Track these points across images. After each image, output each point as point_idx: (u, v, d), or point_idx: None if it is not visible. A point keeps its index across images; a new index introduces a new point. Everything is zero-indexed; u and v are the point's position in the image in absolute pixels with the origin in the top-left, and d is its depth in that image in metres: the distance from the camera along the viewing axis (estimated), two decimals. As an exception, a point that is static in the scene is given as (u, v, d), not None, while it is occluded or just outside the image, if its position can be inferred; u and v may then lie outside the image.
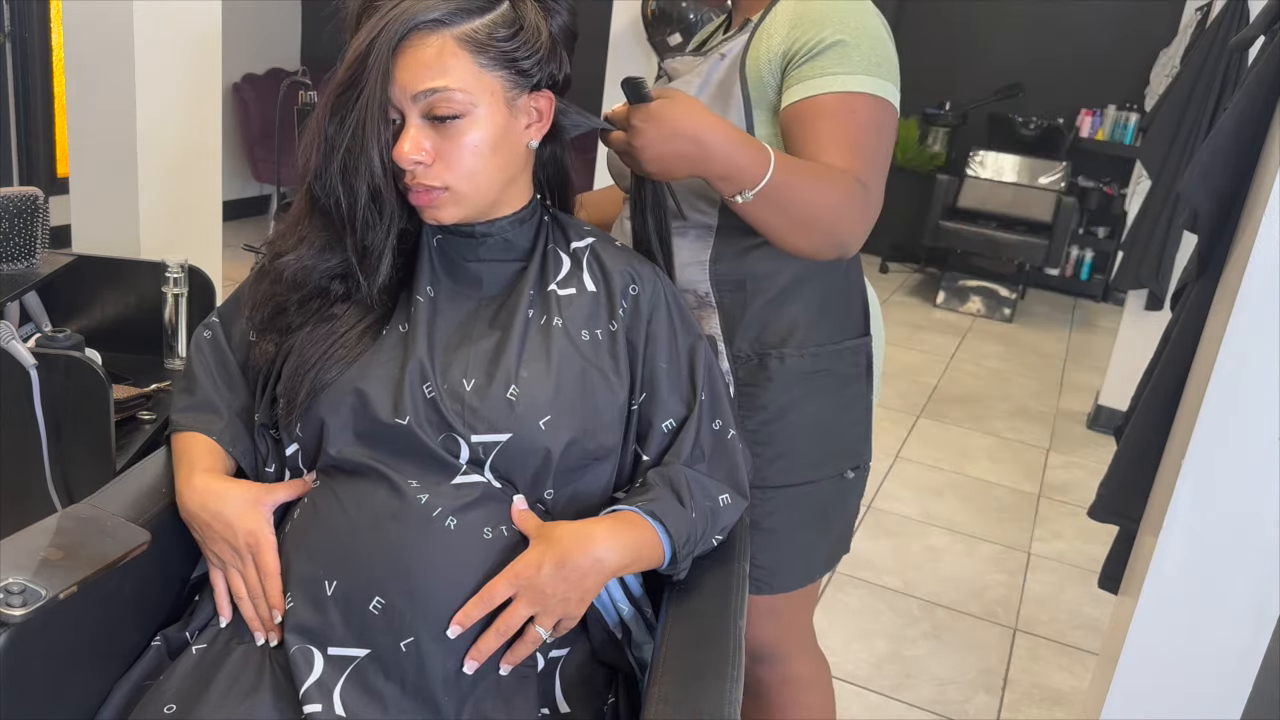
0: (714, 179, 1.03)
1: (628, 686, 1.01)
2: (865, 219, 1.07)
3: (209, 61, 2.41)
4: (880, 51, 1.09)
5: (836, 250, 1.08)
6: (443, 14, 0.94)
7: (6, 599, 0.84)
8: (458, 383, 0.98)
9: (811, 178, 1.05)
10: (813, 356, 1.22)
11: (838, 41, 1.07)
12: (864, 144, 1.07)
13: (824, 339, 1.23)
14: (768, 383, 1.21)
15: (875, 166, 1.08)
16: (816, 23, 1.09)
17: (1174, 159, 3.25)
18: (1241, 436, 1.32)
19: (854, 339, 1.26)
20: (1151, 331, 3.38)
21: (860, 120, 1.07)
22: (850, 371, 1.26)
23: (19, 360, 1.41)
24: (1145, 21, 5.52)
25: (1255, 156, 1.41)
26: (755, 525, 1.24)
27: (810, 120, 1.08)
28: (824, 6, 1.10)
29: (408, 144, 0.95)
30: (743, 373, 1.22)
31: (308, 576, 0.95)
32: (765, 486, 1.23)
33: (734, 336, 1.21)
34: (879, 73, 1.08)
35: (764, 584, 1.27)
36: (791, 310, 1.21)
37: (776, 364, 1.21)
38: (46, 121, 4.41)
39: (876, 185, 1.08)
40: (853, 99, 1.07)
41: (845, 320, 1.26)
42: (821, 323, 1.22)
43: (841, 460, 1.28)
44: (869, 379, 1.29)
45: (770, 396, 1.21)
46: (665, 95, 1.02)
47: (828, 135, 1.07)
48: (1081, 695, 2.24)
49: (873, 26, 1.10)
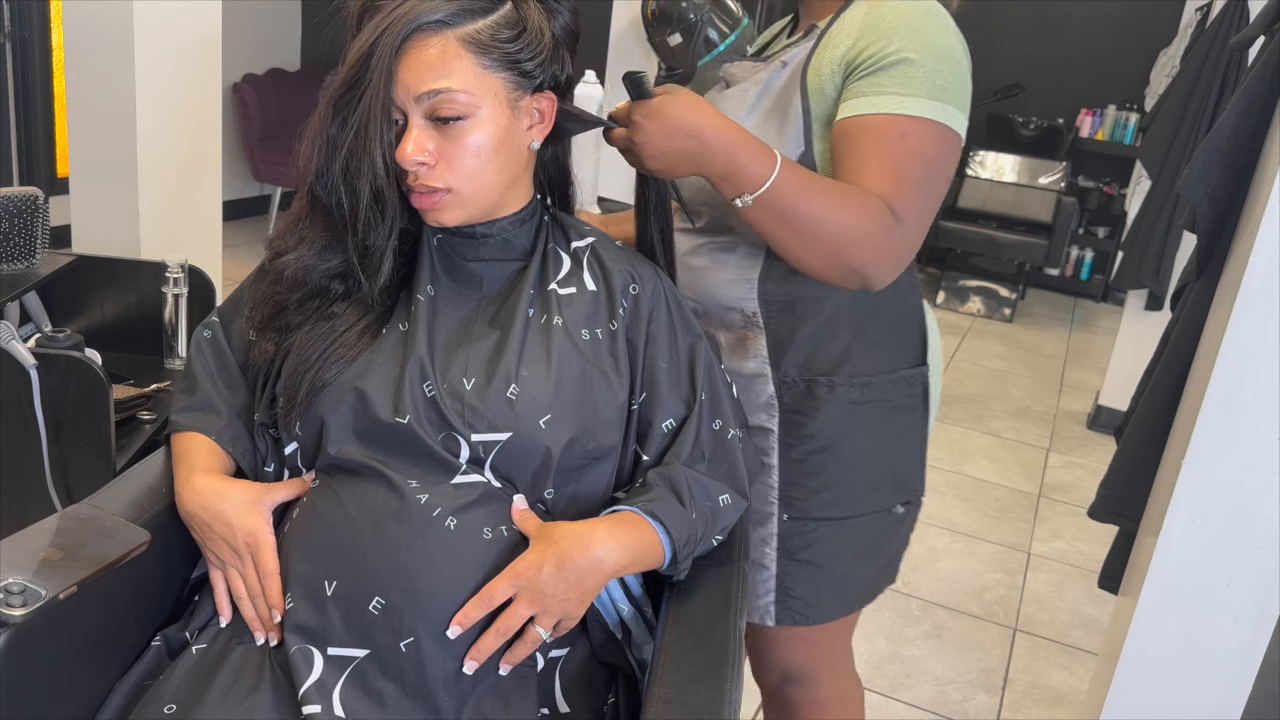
0: (715, 178, 1.01)
1: (628, 687, 1.01)
2: (892, 251, 1.01)
3: (209, 61, 2.41)
4: (948, 73, 1.02)
5: (854, 279, 1.02)
6: (446, 15, 0.94)
7: (6, 599, 0.84)
8: (458, 382, 0.98)
9: (826, 194, 1.00)
10: (864, 386, 1.16)
11: (903, 59, 1.01)
12: (908, 172, 1.00)
13: (878, 368, 1.17)
14: (815, 411, 1.16)
15: (917, 197, 1.01)
16: (885, 34, 1.02)
17: (1174, 159, 3.26)
18: (1242, 436, 1.32)
19: (910, 368, 1.20)
20: (1151, 331, 3.38)
21: (911, 147, 1.00)
22: (905, 402, 1.20)
23: (19, 360, 1.41)
24: (1145, 21, 5.52)
25: (1255, 156, 1.41)
26: (792, 556, 1.20)
27: (856, 139, 1.02)
28: (896, 17, 1.03)
29: (410, 145, 0.95)
30: (789, 399, 1.17)
31: (307, 576, 0.94)
32: (808, 518, 1.19)
33: (781, 361, 1.16)
34: (943, 96, 1.01)
35: (799, 615, 1.23)
36: (844, 336, 1.15)
37: (825, 392, 1.16)
38: (46, 121, 4.41)
39: (915, 218, 1.01)
40: (906, 123, 1.00)
41: (901, 348, 1.20)
42: (876, 350, 1.17)
43: (891, 494, 1.22)
44: (924, 410, 1.23)
45: (818, 425, 1.16)
46: (667, 91, 1.01)
47: (870, 157, 1.01)
48: (1081, 695, 2.24)
49: (944, 44, 1.03)
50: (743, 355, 1.18)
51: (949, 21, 1.05)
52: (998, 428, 3.81)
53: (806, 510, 1.19)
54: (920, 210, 1.01)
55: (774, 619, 1.23)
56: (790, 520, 1.20)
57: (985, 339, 5.00)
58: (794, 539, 1.20)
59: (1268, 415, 1.31)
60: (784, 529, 1.20)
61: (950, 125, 1.02)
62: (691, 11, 2.92)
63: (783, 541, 1.21)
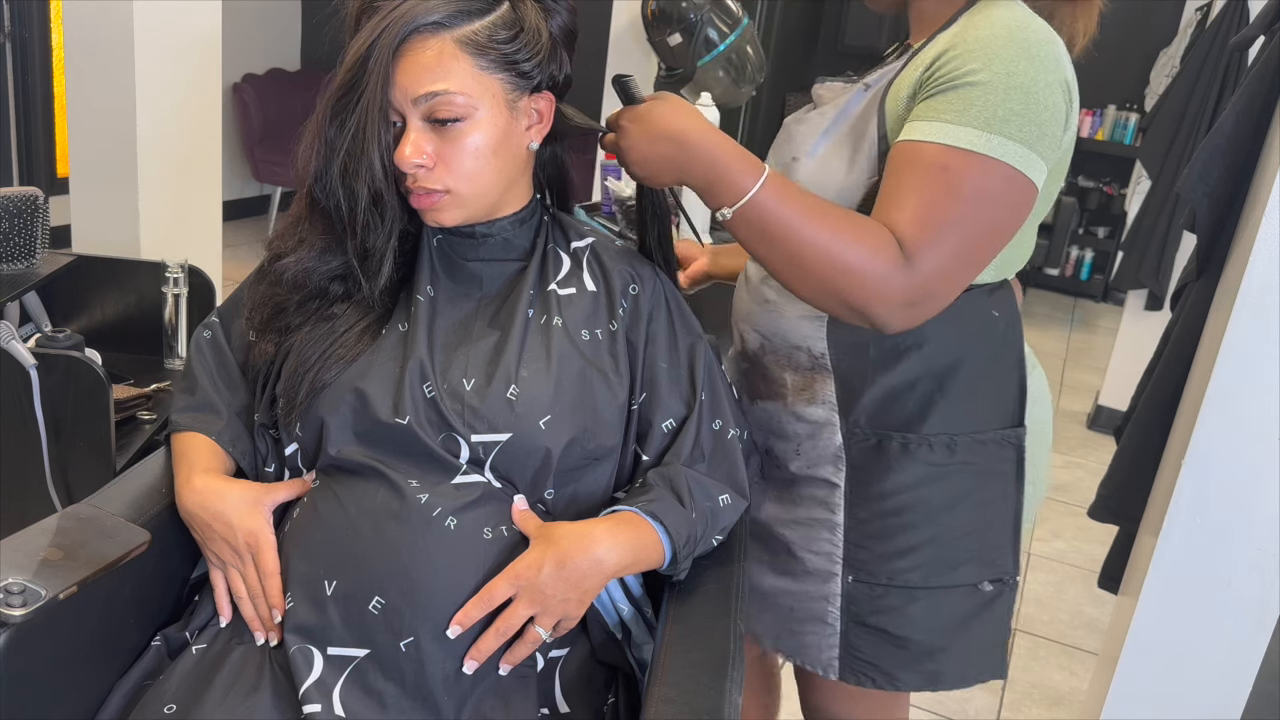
0: (698, 188, 0.97)
1: (628, 687, 1.01)
2: (893, 292, 0.90)
3: (209, 61, 2.41)
4: (1018, 104, 0.90)
5: (855, 317, 0.93)
6: (442, 16, 0.93)
7: (6, 599, 0.84)
8: (458, 382, 0.98)
9: (817, 218, 0.92)
10: (946, 447, 1.05)
11: (969, 84, 0.90)
12: (939, 211, 0.89)
13: (962, 426, 1.05)
14: (886, 470, 1.05)
15: (942, 239, 0.90)
16: (965, 54, 0.92)
17: (1174, 159, 3.25)
18: (1241, 436, 1.32)
19: (1002, 429, 1.07)
20: (1151, 331, 3.38)
21: (950, 181, 0.89)
22: (995, 468, 1.07)
23: (19, 360, 1.41)
24: (1145, 21, 5.51)
25: (1255, 156, 1.41)
26: (859, 620, 1.09)
27: (898, 168, 0.93)
28: (979, 39, 0.92)
29: (409, 147, 0.94)
30: (857, 453, 1.07)
31: (307, 576, 0.94)
32: (874, 583, 1.08)
33: (851, 409, 1.06)
34: (1003, 130, 0.89)
35: (865, 676, 1.11)
36: (925, 386, 1.04)
37: (898, 449, 1.05)
38: (46, 121, 4.41)
39: (934, 262, 0.89)
40: (951, 154, 0.89)
41: (993, 405, 1.07)
42: (962, 406, 1.05)
43: (974, 570, 1.09)
44: (1018, 478, 1.08)
45: (889, 486, 1.06)
46: (656, 96, 1.00)
47: (905, 189, 0.91)
48: (1081, 695, 2.24)
49: (1025, 75, 0.90)
50: (809, 400, 1.09)
51: (1043, 51, 0.92)
52: (998, 428, 3.81)
53: (874, 575, 1.08)
54: (945, 255, 0.90)
55: (837, 674, 1.13)
56: (856, 584, 1.09)
57: (985, 339, 5.00)
58: (861, 603, 1.09)
59: (1267, 415, 1.31)
60: (849, 590, 1.10)
61: (1008, 163, 0.90)
62: (691, 11, 2.91)
63: (847, 603, 1.10)
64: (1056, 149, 0.95)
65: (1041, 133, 0.91)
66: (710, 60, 2.92)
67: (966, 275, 0.95)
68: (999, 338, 1.06)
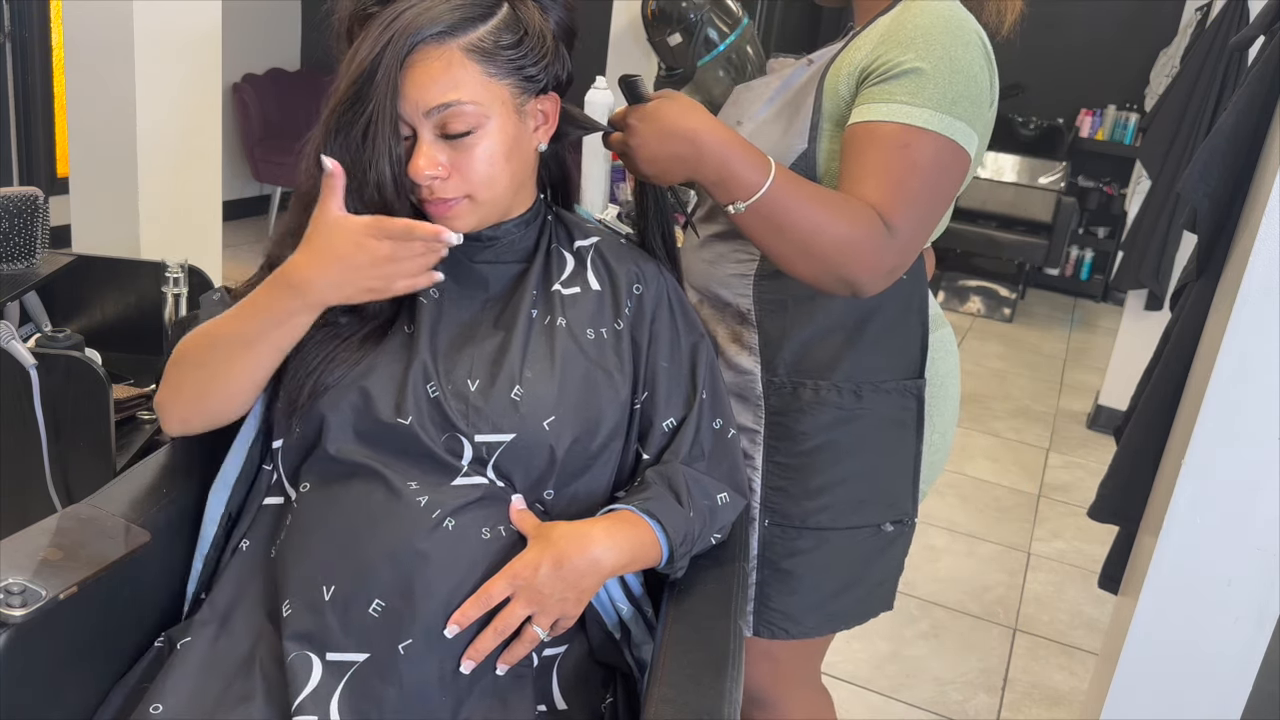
0: (708, 184, 1.00)
1: (626, 686, 1.01)
2: (883, 262, 0.99)
3: (209, 61, 2.41)
4: (961, 87, 1.00)
5: (845, 288, 1.01)
6: (447, 25, 0.93)
7: (6, 599, 0.84)
8: (462, 383, 0.98)
9: (819, 204, 0.98)
10: (853, 393, 1.14)
11: (915, 69, 1.00)
12: (907, 183, 0.99)
13: (868, 375, 1.15)
14: (800, 414, 1.15)
15: (913, 209, 0.99)
16: (902, 43, 1.01)
17: (1174, 159, 3.26)
18: (1241, 436, 1.32)
19: (904, 379, 1.17)
20: (1151, 331, 3.38)
21: (912, 158, 0.99)
22: (896, 415, 1.17)
23: (19, 360, 1.41)
24: (1145, 21, 5.52)
25: (1255, 156, 1.41)
26: (774, 565, 1.18)
27: (861, 147, 1.01)
28: (917, 27, 1.02)
29: (423, 160, 0.94)
30: (775, 400, 1.16)
31: (305, 582, 0.94)
32: (789, 525, 1.17)
33: (773, 361, 1.15)
34: (953, 111, 1.00)
35: (778, 628, 1.20)
36: (836, 339, 1.14)
37: (810, 395, 1.14)
38: (46, 121, 4.41)
39: (908, 230, 0.99)
40: (910, 133, 0.99)
41: (897, 358, 1.17)
42: (868, 357, 1.15)
43: (879, 511, 1.19)
44: (918, 426, 1.19)
45: (803, 429, 1.15)
46: (663, 95, 1.01)
47: (871, 166, 0.99)
48: (1081, 695, 2.24)
49: (962, 59, 1.01)
50: (736, 352, 1.19)
51: (973, 38, 1.03)
52: (998, 428, 3.81)
53: (789, 518, 1.17)
54: (915, 223, 1.00)
55: (752, 630, 1.21)
56: (771, 526, 1.18)
57: (985, 339, 5.00)
58: (775, 546, 1.18)
59: (1268, 415, 1.31)
60: (765, 535, 1.19)
61: (957, 140, 1.00)
62: (691, 11, 2.91)
63: (764, 548, 1.19)
64: (988, 125, 1.07)
65: (978, 112, 1.03)
66: (710, 60, 2.92)
67: (925, 240, 1.05)
68: (905, 296, 1.15)
